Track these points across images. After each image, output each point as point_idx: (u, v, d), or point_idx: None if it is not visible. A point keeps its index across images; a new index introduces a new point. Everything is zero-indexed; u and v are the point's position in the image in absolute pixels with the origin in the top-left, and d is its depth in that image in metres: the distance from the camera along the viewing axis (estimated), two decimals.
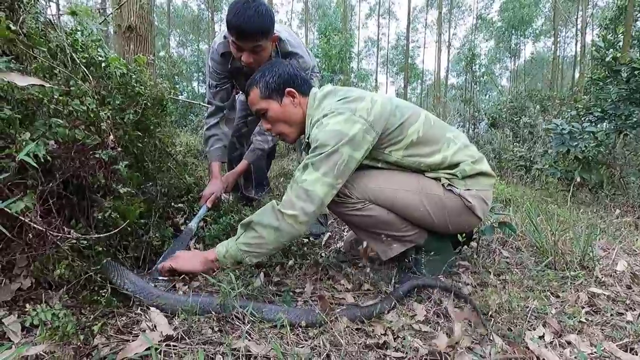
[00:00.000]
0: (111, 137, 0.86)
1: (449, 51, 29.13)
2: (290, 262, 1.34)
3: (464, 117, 11.51)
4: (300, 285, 1.22)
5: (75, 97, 0.80)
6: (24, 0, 0.76)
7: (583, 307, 1.17)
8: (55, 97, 0.72)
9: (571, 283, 1.34)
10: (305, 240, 1.71)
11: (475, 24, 26.94)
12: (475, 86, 24.44)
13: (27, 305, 0.68)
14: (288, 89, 1.23)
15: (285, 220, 1.07)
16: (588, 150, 3.56)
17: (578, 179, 3.52)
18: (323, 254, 1.60)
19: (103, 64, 1.17)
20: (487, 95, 25.74)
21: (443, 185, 1.19)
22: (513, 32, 24.14)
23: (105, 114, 0.85)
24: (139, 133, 1.15)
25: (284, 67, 1.26)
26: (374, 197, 1.16)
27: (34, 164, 0.61)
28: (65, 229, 0.72)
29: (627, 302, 1.23)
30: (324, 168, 1.07)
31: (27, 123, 0.70)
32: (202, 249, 1.49)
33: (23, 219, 0.63)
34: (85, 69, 0.89)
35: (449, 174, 1.20)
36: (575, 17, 20.88)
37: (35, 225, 0.65)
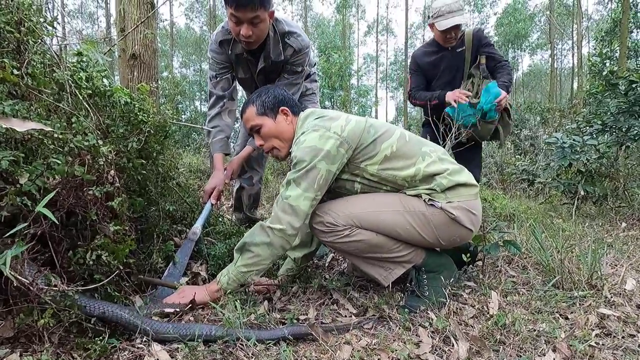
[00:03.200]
0: (111, 172, 0.87)
1: None
2: (294, 288, 1.33)
3: None
4: (304, 311, 1.20)
5: (77, 132, 0.81)
6: (30, 42, 0.79)
7: (593, 330, 1.14)
8: (56, 135, 0.74)
9: (580, 304, 1.31)
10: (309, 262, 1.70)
11: None
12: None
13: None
14: (282, 108, 1.33)
15: (276, 235, 1.15)
16: (590, 163, 3.55)
17: (582, 192, 3.50)
18: (327, 276, 1.58)
19: (108, 94, 1.20)
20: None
21: (424, 201, 1.20)
22: (510, 45, 24.50)
23: (106, 148, 0.86)
24: (143, 161, 1.17)
25: (278, 90, 1.37)
26: (358, 222, 1.18)
27: (54, 219, 0.62)
28: (52, 278, 0.72)
29: (639, 323, 1.21)
30: (304, 184, 1.15)
31: (30, 159, 0.71)
32: (204, 270, 1.49)
33: (7, 272, 0.62)
34: (88, 105, 0.91)
35: (428, 189, 1.22)
36: (571, 30, 21.22)
37: (19, 278, 0.64)
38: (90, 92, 0.99)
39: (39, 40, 0.82)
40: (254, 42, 1.57)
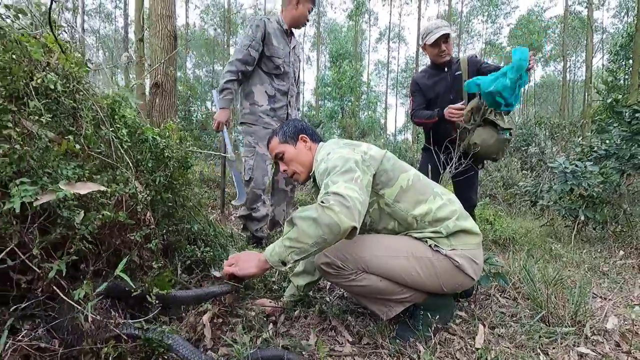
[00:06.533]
0: (148, 214, 1.01)
1: None
2: (297, 312, 1.45)
3: None
4: (305, 337, 1.32)
5: (120, 182, 0.95)
6: (84, 108, 0.93)
7: None
8: (105, 190, 0.87)
9: (561, 340, 1.41)
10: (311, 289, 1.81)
11: (484, 49, 27.35)
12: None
13: None
14: (302, 135, 1.47)
15: (324, 212, 1.04)
16: (592, 188, 3.61)
17: (582, 217, 3.56)
18: (328, 300, 1.70)
19: (138, 131, 1.34)
20: None
21: (430, 246, 1.26)
22: None
23: (142, 195, 1.00)
24: (170, 195, 1.30)
25: (298, 122, 1.53)
26: (366, 266, 1.23)
27: (131, 284, 0.75)
28: (113, 313, 0.86)
29: None
30: (343, 179, 1.12)
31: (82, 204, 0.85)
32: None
33: (84, 310, 0.76)
34: (129, 158, 1.05)
35: (434, 231, 1.27)
36: (585, 42, 21.03)
37: (94, 317, 0.79)
38: (129, 141, 1.12)
39: (90, 103, 0.96)
40: (304, 24, 2.55)
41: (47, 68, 0.85)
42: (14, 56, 0.76)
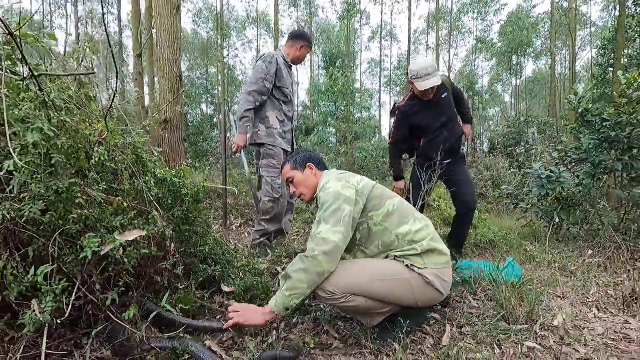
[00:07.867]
0: (172, 246, 1.28)
1: (449, 71, 29.75)
2: (294, 320, 1.73)
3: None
4: (302, 340, 1.60)
5: (152, 223, 1.22)
6: (122, 168, 1.20)
7: (520, 358, 1.53)
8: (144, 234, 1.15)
9: (515, 336, 1.70)
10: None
11: (475, 46, 27.67)
12: (479, 105, 24.68)
13: None
14: (309, 164, 1.79)
15: (310, 261, 1.39)
16: (566, 191, 3.90)
17: (557, 219, 3.86)
18: (322, 307, 1.98)
19: (159, 174, 1.61)
20: (491, 112, 26.35)
21: (407, 266, 1.52)
22: (513, 52, 24.68)
23: (169, 232, 1.27)
24: (187, 227, 1.58)
25: (307, 152, 1.85)
26: (354, 291, 1.45)
27: (174, 313, 1.03)
28: (154, 329, 1.13)
29: (557, 354, 1.59)
30: (332, 221, 1.45)
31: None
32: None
33: (136, 330, 1.03)
34: (157, 203, 1.31)
35: (411, 249, 1.53)
36: (573, 38, 21.39)
37: (147, 335, 1.06)
38: (155, 189, 1.39)
39: (123, 159, 1.23)
40: (302, 61, 3.01)
41: (98, 144, 1.12)
42: (76, 141, 1.02)
